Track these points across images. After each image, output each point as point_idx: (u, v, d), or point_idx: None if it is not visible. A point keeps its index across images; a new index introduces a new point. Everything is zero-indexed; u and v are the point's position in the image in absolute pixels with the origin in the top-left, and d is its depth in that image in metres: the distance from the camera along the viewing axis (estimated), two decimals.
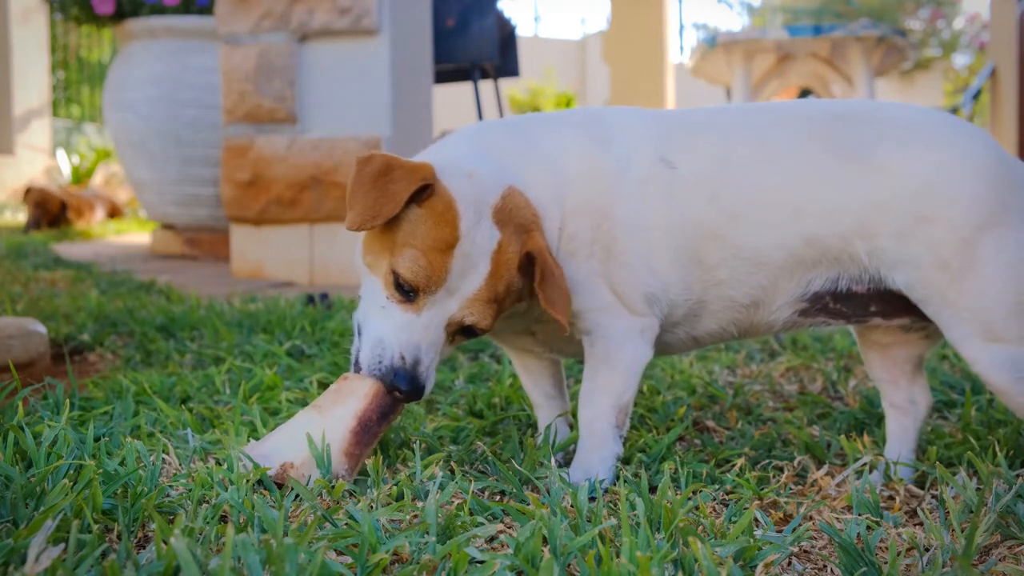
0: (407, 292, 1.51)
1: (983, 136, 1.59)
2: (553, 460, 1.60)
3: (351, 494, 1.48)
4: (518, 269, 1.54)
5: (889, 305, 1.61)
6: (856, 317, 1.64)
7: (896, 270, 1.54)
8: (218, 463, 1.61)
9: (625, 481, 1.51)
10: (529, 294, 1.60)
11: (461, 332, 1.56)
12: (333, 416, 1.53)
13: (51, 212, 8.25)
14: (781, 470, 1.71)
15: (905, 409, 1.76)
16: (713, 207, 1.59)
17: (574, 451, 1.72)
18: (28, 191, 8.37)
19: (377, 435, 1.54)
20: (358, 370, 1.55)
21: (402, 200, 1.46)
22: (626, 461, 1.69)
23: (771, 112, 1.67)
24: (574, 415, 1.91)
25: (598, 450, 1.63)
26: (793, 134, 1.61)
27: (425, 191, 1.50)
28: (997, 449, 1.66)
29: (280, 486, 1.48)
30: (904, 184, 1.53)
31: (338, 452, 1.51)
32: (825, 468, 1.69)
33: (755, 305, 1.65)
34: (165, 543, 1.16)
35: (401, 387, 1.50)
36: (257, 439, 1.69)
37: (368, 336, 1.55)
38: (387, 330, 1.52)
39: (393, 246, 1.52)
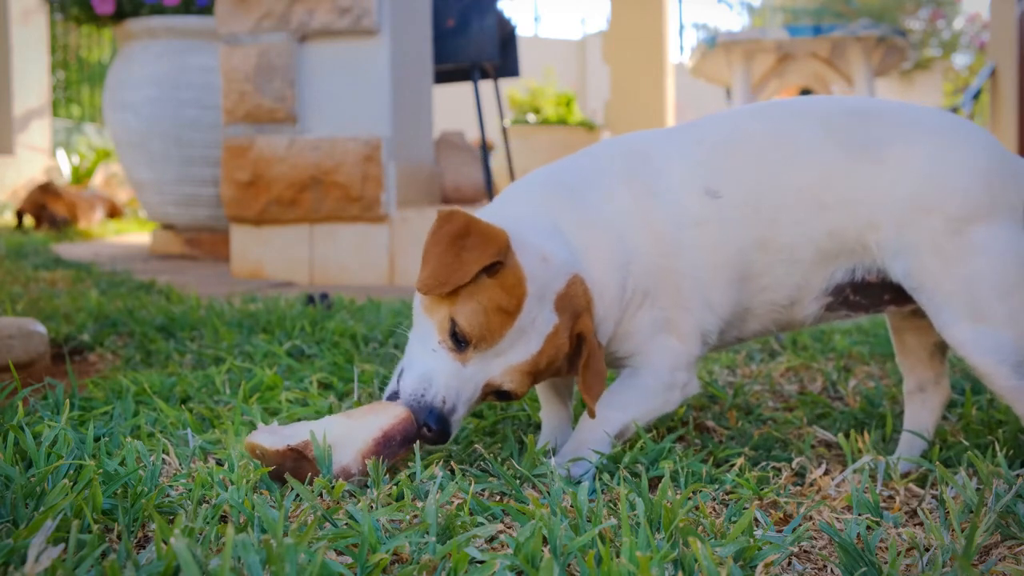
0: (460, 342, 1.53)
1: (983, 135, 1.67)
2: (553, 460, 1.60)
3: (351, 494, 1.48)
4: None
5: (900, 293, 1.70)
6: (873, 307, 1.74)
7: (897, 259, 1.63)
8: (218, 463, 1.61)
9: (625, 481, 1.51)
10: (568, 369, 1.65)
11: (495, 393, 1.59)
12: (361, 422, 1.55)
13: (51, 211, 8.23)
14: (781, 470, 1.71)
15: (914, 395, 1.86)
16: (756, 218, 1.67)
17: None
18: (27, 195, 8.33)
19: (393, 456, 1.54)
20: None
21: (472, 272, 1.50)
22: (626, 461, 1.69)
23: (794, 112, 1.73)
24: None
25: (591, 444, 1.66)
26: (813, 132, 1.68)
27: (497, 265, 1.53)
28: (997, 449, 1.66)
29: (304, 458, 1.49)
30: (907, 177, 1.61)
31: (358, 452, 1.52)
32: (825, 468, 1.69)
33: (791, 304, 1.73)
34: (165, 543, 1.16)
35: (431, 425, 1.52)
36: None
37: (416, 369, 1.57)
38: (438, 370, 1.55)
39: (456, 296, 1.54)
